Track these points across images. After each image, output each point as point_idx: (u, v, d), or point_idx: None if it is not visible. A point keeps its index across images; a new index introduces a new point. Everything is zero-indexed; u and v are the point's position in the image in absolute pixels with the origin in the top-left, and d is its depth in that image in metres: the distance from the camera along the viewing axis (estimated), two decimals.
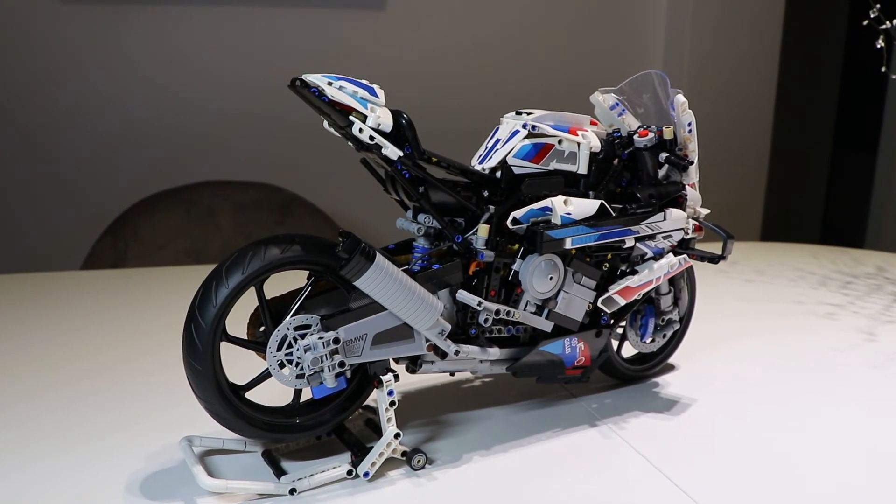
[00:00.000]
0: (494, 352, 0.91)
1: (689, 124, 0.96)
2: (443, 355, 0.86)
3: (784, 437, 0.94)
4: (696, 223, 1.02)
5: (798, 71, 3.64)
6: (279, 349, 0.79)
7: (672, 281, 1.05)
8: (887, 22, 1.36)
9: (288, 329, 0.80)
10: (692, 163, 0.97)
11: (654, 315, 1.05)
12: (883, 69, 1.41)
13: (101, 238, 2.23)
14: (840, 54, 3.91)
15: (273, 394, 0.85)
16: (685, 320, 1.08)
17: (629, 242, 0.93)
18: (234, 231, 2.25)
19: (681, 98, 0.96)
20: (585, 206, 0.89)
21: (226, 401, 0.79)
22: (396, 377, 0.85)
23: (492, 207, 0.87)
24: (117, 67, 2.50)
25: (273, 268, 0.79)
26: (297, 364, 0.80)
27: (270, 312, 0.81)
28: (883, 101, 3.31)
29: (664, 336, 1.08)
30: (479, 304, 0.86)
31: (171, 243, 2.24)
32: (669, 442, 0.92)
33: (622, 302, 0.95)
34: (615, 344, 1.06)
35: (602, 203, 0.90)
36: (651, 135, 0.94)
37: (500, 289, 0.89)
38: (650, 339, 1.07)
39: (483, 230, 0.86)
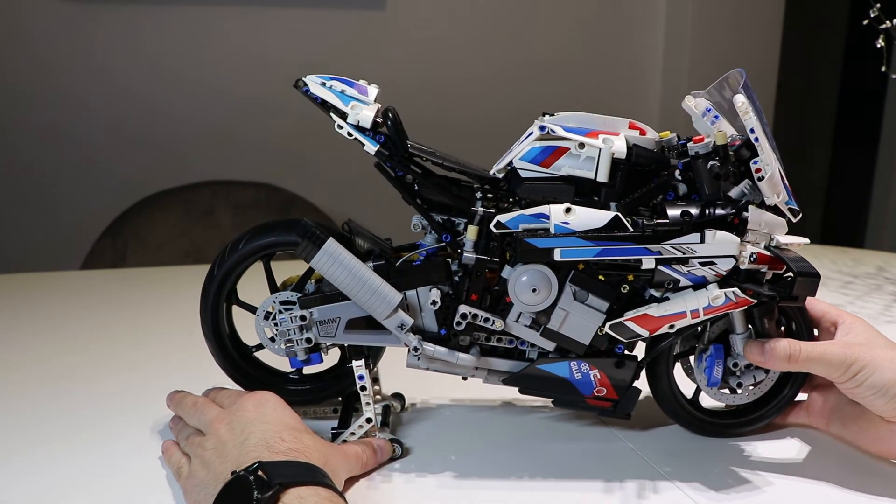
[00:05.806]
0: (466, 358, 0.85)
1: (752, 130, 0.79)
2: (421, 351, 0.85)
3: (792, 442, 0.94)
4: (763, 252, 0.81)
5: (798, 71, 3.64)
6: (265, 319, 0.85)
7: (751, 320, 0.87)
8: (887, 21, 1.36)
9: (273, 303, 0.85)
10: (762, 178, 0.79)
11: (723, 357, 0.88)
12: (883, 69, 1.41)
13: (100, 238, 2.23)
14: (840, 54, 3.92)
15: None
16: (795, 375, 0.89)
17: (648, 263, 0.80)
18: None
19: (739, 99, 0.80)
20: (591, 217, 0.78)
21: (227, 356, 0.89)
22: (367, 364, 0.86)
23: (481, 210, 0.82)
24: (116, 67, 2.50)
25: (262, 248, 0.84)
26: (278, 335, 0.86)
27: (275, 288, 0.87)
28: (883, 101, 3.32)
29: (740, 385, 0.90)
30: (434, 303, 0.83)
31: (171, 243, 2.24)
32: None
33: (639, 331, 0.82)
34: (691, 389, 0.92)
35: (617, 215, 0.78)
36: (708, 140, 0.80)
37: (483, 293, 0.84)
38: (722, 387, 0.90)
39: (471, 232, 0.82)
